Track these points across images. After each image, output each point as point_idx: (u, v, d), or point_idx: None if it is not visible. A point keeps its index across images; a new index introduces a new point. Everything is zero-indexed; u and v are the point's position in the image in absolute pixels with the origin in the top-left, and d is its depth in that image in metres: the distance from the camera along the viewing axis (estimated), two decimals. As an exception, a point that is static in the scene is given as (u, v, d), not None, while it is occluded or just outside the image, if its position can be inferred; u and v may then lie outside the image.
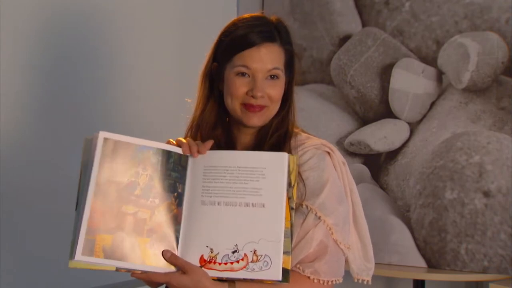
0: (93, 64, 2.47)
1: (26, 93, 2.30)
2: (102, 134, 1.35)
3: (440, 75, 2.62)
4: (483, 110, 2.53)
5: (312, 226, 1.41)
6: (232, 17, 1.54)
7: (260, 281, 1.30)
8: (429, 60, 2.63)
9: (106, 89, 2.51)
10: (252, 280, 1.31)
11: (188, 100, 1.59)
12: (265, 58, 1.46)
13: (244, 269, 1.30)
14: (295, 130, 1.55)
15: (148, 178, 1.37)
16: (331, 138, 2.77)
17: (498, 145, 2.47)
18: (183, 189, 1.38)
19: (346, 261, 1.52)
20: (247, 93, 1.46)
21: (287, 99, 1.53)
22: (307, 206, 1.42)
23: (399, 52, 2.68)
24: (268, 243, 1.31)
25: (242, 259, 1.31)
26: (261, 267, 1.30)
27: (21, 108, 2.29)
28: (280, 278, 1.29)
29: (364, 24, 2.76)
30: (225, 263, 1.32)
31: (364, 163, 2.73)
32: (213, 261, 1.32)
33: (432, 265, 2.53)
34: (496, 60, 2.50)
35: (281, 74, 1.48)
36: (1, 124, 2.19)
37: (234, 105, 1.47)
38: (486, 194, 2.46)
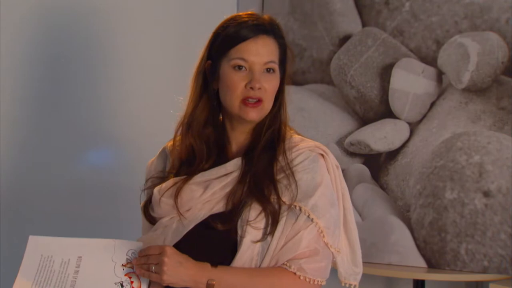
0: (93, 64, 2.47)
1: (25, 93, 2.30)
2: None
3: (440, 75, 2.62)
4: (483, 110, 2.53)
5: (303, 228, 1.41)
6: (232, 17, 1.54)
7: None
8: (429, 60, 2.63)
9: (106, 89, 2.51)
10: None
11: (180, 98, 1.57)
12: (262, 51, 1.46)
13: None
14: (289, 131, 1.54)
15: None
16: (331, 138, 2.77)
17: (498, 145, 2.47)
18: None
19: (334, 265, 1.52)
20: (245, 86, 1.45)
21: (278, 97, 1.52)
22: (300, 208, 1.42)
23: (399, 52, 2.68)
24: None
25: None
26: None
27: (21, 108, 2.29)
28: None
29: (364, 24, 2.76)
30: None
31: (364, 163, 2.73)
32: None
33: (432, 265, 2.53)
34: (496, 60, 2.50)
35: (277, 68, 1.49)
36: (1, 124, 2.19)
37: (233, 101, 1.47)
38: (486, 194, 2.46)
